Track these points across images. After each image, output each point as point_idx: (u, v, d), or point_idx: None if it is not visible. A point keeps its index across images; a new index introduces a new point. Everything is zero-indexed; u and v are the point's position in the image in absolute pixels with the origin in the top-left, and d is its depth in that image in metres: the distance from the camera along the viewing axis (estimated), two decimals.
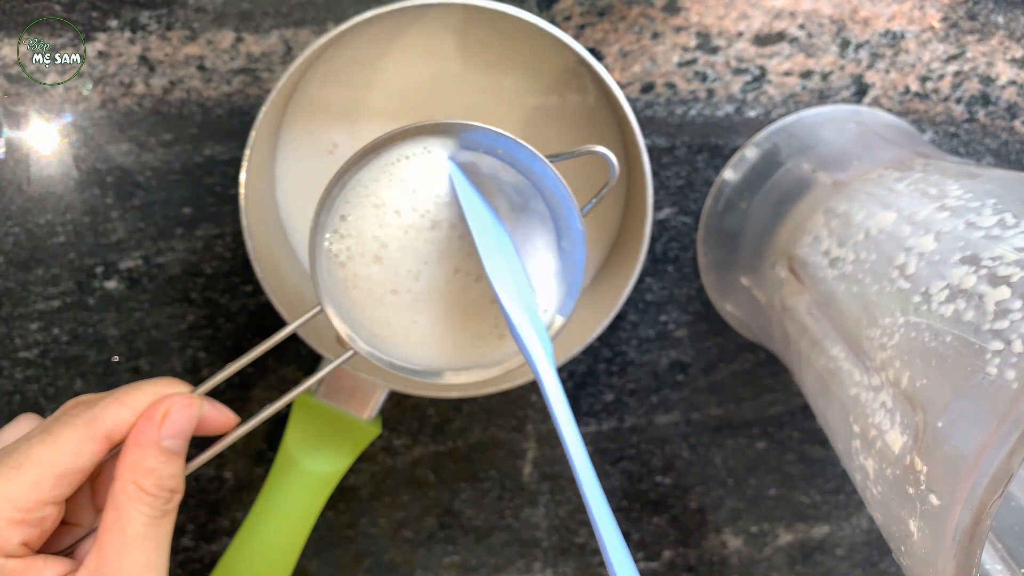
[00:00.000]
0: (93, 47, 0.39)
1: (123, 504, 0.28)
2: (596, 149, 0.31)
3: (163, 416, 0.29)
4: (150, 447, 0.28)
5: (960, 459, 0.21)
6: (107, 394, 0.29)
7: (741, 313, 0.42)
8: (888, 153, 0.37)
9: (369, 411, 0.38)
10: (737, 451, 0.46)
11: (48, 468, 0.27)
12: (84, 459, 0.28)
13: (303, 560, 0.43)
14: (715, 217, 0.42)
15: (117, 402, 0.29)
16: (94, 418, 0.28)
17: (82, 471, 0.28)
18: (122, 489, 0.28)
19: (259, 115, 0.35)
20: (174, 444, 0.29)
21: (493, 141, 0.31)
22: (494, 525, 0.46)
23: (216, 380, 0.31)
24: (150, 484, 0.28)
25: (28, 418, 0.31)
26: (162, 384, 0.30)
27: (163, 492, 0.28)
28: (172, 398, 0.29)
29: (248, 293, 0.42)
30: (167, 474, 0.28)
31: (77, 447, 0.28)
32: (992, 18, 0.42)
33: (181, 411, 0.29)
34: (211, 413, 0.31)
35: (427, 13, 0.38)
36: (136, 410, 0.29)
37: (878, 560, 0.48)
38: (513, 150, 0.31)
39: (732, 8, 0.41)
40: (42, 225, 0.40)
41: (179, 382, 0.30)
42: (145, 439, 0.28)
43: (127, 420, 0.29)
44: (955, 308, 0.24)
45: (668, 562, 0.47)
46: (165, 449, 0.28)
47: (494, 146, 0.31)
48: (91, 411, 0.28)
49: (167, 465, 0.28)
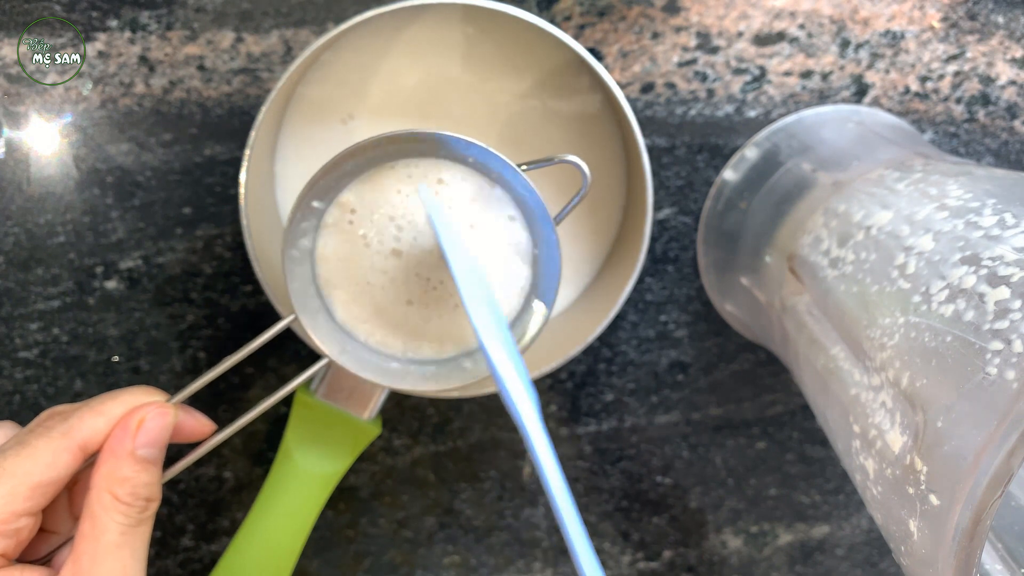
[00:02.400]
0: (93, 47, 0.39)
1: (98, 513, 0.28)
2: (568, 158, 0.31)
3: (138, 425, 0.29)
4: (125, 456, 0.28)
5: (960, 459, 0.21)
6: (82, 404, 0.30)
7: (741, 313, 0.42)
8: (888, 153, 0.37)
9: (369, 411, 0.38)
10: (737, 451, 0.46)
11: (23, 479, 0.27)
12: (59, 470, 0.28)
13: (303, 560, 0.43)
14: (715, 217, 0.42)
15: (92, 412, 0.29)
16: (69, 429, 0.28)
17: (57, 482, 0.28)
18: (97, 498, 0.28)
19: (259, 115, 0.35)
20: (149, 453, 0.29)
21: (464, 150, 0.31)
22: (494, 525, 0.46)
23: (191, 389, 0.31)
24: (125, 493, 0.28)
25: (5, 426, 0.31)
26: (137, 393, 0.30)
27: (138, 501, 0.28)
28: (147, 407, 0.29)
29: (248, 293, 0.42)
30: (142, 483, 0.28)
31: (52, 458, 0.28)
32: (992, 18, 0.42)
33: (155, 420, 0.29)
34: (186, 421, 0.31)
35: (427, 13, 0.38)
36: (111, 419, 0.29)
37: (878, 560, 0.48)
38: (485, 159, 0.31)
39: (732, 8, 0.41)
40: (42, 225, 0.40)
41: (155, 391, 0.31)
42: (120, 448, 0.28)
43: (102, 430, 0.29)
44: (955, 308, 0.24)
45: (668, 562, 0.47)
46: (140, 458, 0.29)
47: (464, 155, 0.31)
48: (66, 422, 0.29)
49: (142, 474, 0.28)
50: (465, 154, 0.31)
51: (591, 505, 0.46)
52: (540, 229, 0.32)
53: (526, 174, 0.30)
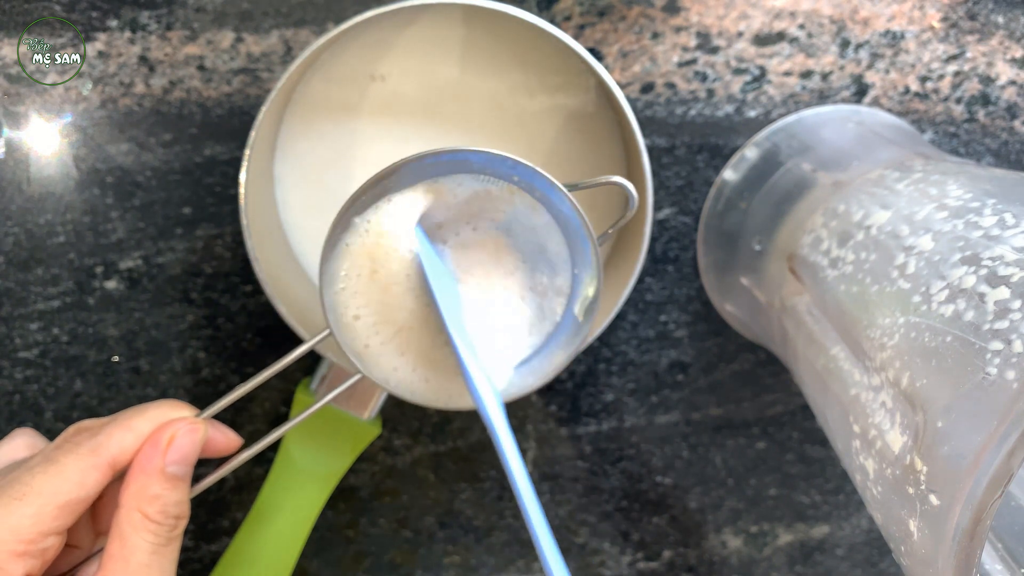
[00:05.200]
0: (93, 47, 0.39)
1: (128, 533, 0.27)
2: (615, 180, 0.29)
3: (168, 442, 0.28)
4: (155, 474, 0.28)
5: (960, 459, 0.21)
6: (110, 419, 0.29)
7: (741, 313, 0.42)
8: (888, 153, 0.37)
9: (369, 411, 0.38)
10: (737, 451, 0.46)
11: (51, 498, 0.27)
12: (88, 488, 0.27)
13: (303, 560, 0.43)
14: (715, 217, 0.42)
15: (121, 428, 0.28)
16: (98, 446, 0.28)
17: (86, 500, 0.27)
18: (127, 517, 0.27)
19: (259, 115, 0.35)
20: (179, 470, 0.28)
21: (511, 170, 0.30)
22: (494, 525, 0.46)
23: (221, 405, 0.30)
24: (155, 512, 0.27)
25: (24, 433, 0.30)
26: (165, 407, 0.29)
27: (168, 519, 0.28)
28: (177, 423, 0.29)
29: (248, 293, 0.42)
30: (172, 501, 0.28)
31: (81, 476, 0.27)
32: (992, 18, 0.42)
33: (186, 436, 0.29)
34: (215, 436, 0.30)
35: (427, 13, 0.38)
36: (140, 435, 0.28)
37: (878, 560, 0.48)
38: (531, 178, 0.30)
39: (732, 8, 0.41)
40: (42, 225, 0.40)
41: (183, 405, 0.30)
42: (150, 466, 0.28)
43: (131, 446, 0.28)
44: (955, 308, 0.24)
45: (668, 562, 0.47)
46: (170, 475, 0.28)
47: (510, 174, 0.30)
48: (95, 438, 0.28)
49: (172, 492, 0.28)
50: (511, 173, 0.30)
51: (591, 505, 0.46)
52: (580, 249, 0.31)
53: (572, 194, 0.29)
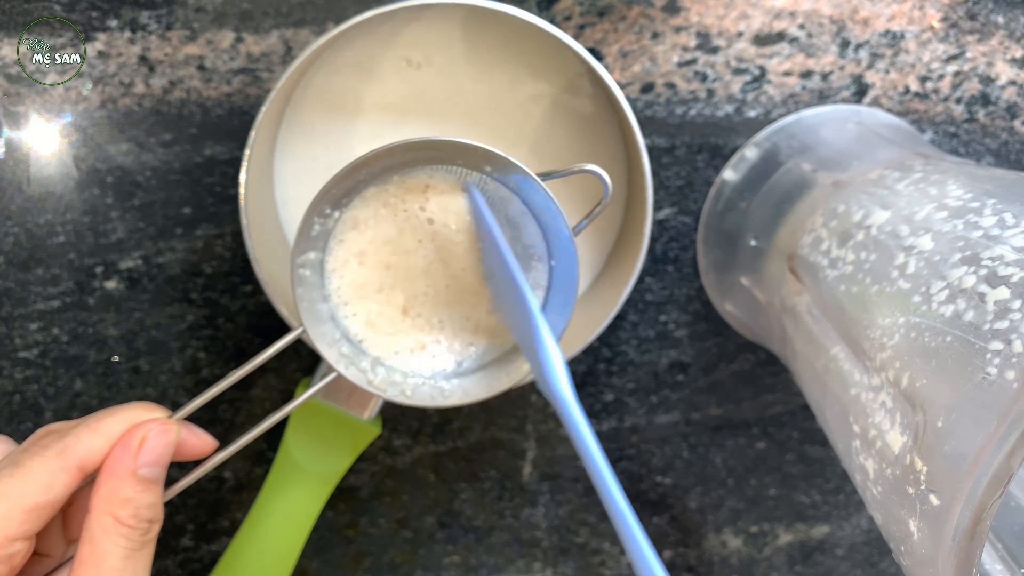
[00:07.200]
0: (93, 47, 0.39)
1: (99, 537, 0.26)
2: (588, 168, 0.30)
3: (139, 443, 0.27)
4: (126, 476, 0.27)
5: (960, 459, 0.21)
6: (79, 422, 0.28)
7: (741, 313, 0.42)
8: (888, 153, 0.37)
9: (369, 411, 0.38)
10: (737, 451, 0.46)
11: (17, 502, 0.26)
12: (55, 492, 0.26)
13: (303, 560, 0.43)
14: (715, 217, 0.42)
15: (90, 430, 0.27)
16: (66, 448, 0.27)
17: (53, 504, 0.27)
18: (97, 521, 0.27)
19: (259, 115, 0.35)
20: (151, 472, 0.27)
21: (483, 160, 0.30)
22: (494, 525, 0.46)
23: (193, 406, 0.30)
24: (127, 515, 0.27)
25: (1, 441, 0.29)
26: (137, 409, 0.29)
27: (141, 523, 0.27)
28: (148, 424, 0.28)
29: (248, 293, 0.42)
30: (145, 504, 0.27)
31: (48, 479, 0.26)
32: (992, 18, 0.42)
33: (158, 438, 0.28)
34: (189, 438, 0.30)
35: (427, 13, 0.38)
36: (110, 437, 0.27)
37: (878, 560, 0.48)
38: (504, 168, 0.30)
39: (732, 8, 0.41)
40: (42, 225, 0.40)
41: (155, 407, 0.29)
42: (121, 468, 0.27)
43: (101, 448, 0.27)
44: (955, 308, 0.24)
45: (668, 562, 0.47)
46: (142, 478, 0.27)
47: (482, 164, 0.31)
48: (63, 441, 0.27)
49: (144, 495, 0.27)
50: (483, 163, 0.31)
51: (591, 505, 0.46)
52: (556, 239, 0.31)
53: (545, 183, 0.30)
